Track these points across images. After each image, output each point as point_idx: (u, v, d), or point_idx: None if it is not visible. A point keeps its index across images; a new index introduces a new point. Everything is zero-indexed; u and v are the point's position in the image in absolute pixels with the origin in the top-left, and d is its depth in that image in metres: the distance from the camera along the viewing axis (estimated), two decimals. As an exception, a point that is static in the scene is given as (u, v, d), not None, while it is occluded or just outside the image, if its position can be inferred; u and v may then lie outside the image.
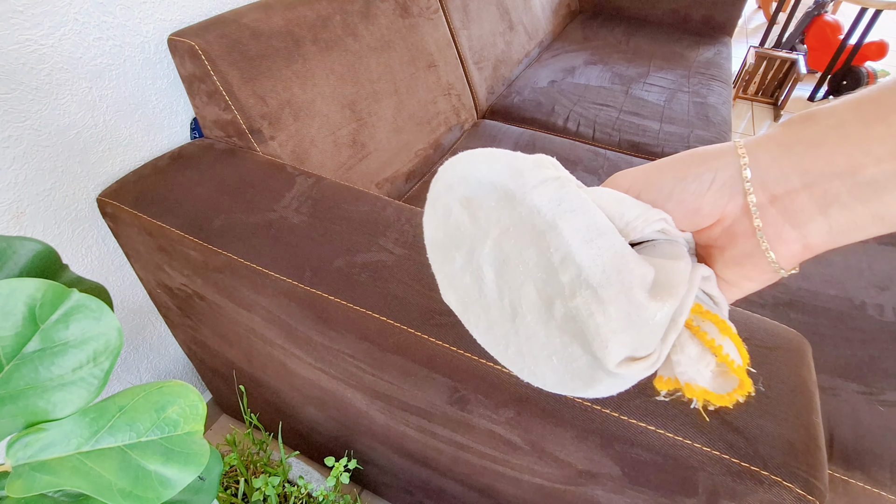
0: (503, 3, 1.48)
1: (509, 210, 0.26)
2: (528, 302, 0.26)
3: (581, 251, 0.24)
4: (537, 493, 0.55)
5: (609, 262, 0.24)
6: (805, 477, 0.39)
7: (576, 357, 0.25)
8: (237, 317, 0.65)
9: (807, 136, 0.22)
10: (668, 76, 1.54)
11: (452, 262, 0.29)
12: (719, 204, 0.24)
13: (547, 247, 0.24)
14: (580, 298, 0.24)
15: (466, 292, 0.29)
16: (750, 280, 0.26)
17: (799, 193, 0.22)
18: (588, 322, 0.23)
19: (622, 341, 0.23)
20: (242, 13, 0.77)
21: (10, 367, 0.28)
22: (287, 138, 0.80)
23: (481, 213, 0.27)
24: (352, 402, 0.64)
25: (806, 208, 0.22)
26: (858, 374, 0.69)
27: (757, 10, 3.65)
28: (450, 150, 1.21)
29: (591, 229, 0.24)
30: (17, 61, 0.59)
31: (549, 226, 0.24)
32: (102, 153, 0.71)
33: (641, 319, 0.23)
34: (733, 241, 0.25)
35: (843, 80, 2.41)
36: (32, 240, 0.34)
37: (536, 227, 0.25)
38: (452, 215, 0.28)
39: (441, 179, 0.29)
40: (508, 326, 0.27)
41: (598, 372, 0.24)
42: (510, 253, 0.26)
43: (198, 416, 0.33)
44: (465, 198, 0.27)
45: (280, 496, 0.75)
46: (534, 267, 0.25)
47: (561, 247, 0.24)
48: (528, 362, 0.27)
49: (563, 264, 0.24)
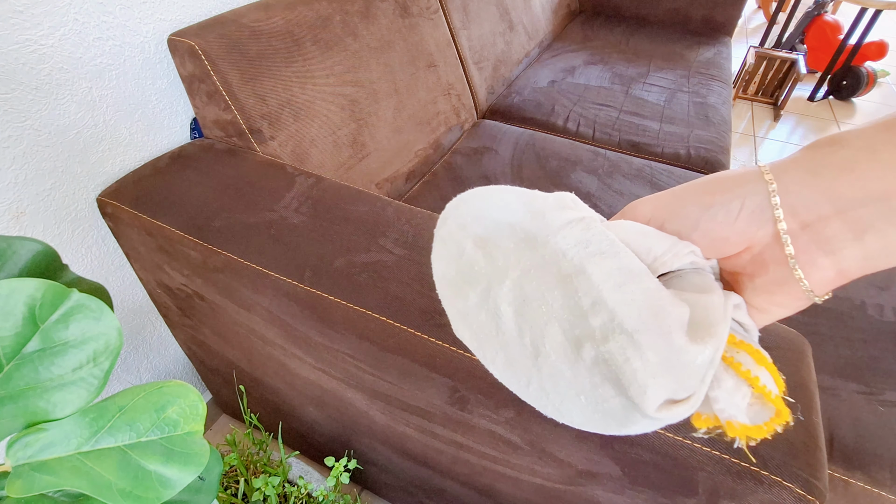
0: (503, 3, 1.48)
1: (530, 252, 0.25)
2: (553, 342, 0.24)
3: (613, 296, 0.23)
4: (537, 493, 0.55)
5: (644, 305, 0.23)
6: (805, 477, 0.39)
7: (607, 398, 0.24)
8: (237, 317, 0.65)
9: (836, 160, 0.22)
10: (668, 76, 1.54)
11: (466, 299, 0.28)
12: (748, 232, 0.24)
13: (574, 291, 0.24)
14: (614, 343, 0.22)
15: (482, 329, 0.27)
16: (781, 306, 0.25)
17: (831, 220, 0.22)
18: (624, 367, 0.22)
19: (661, 385, 0.22)
20: (242, 13, 0.77)
21: (10, 367, 0.28)
22: (287, 138, 0.80)
23: (498, 253, 0.26)
24: (352, 402, 0.64)
25: (839, 235, 0.22)
26: (858, 374, 0.69)
27: (757, 10, 3.66)
28: (450, 150, 1.21)
29: (623, 272, 0.23)
30: (17, 61, 0.59)
31: (576, 270, 0.23)
32: (102, 153, 0.71)
33: (682, 363, 0.22)
34: (763, 269, 0.24)
35: (842, 80, 2.41)
36: (32, 240, 0.34)
37: (562, 271, 0.24)
38: (465, 254, 0.27)
39: (452, 218, 0.28)
40: (530, 364, 0.26)
41: (633, 414, 0.23)
42: (532, 294, 0.25)
43: (198, 416, 0.33)
44: (479, 238, 0.26)
45: (280, 496, 0.75)
46: (559, 309, 0.24)
47: (590, 291, 0.23)
48: (552, 399, 0.26)
49: (594, 309, 0.23)
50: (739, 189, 0.23)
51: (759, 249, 0.24)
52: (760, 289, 0.25)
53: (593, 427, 0.25)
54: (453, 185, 1.09)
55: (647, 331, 0.22)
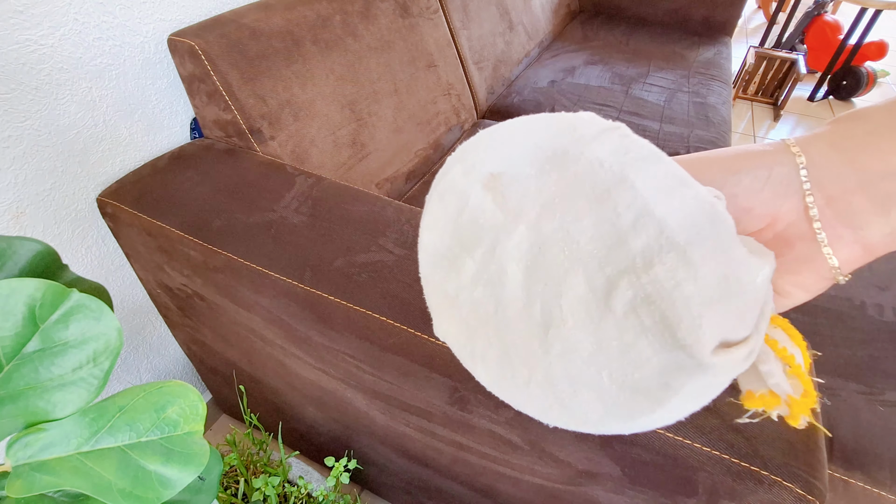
0: (503, 3, 1.48)
1: (558, 172, 0.21)
2: (573, 299, 0.21)
3: (662, 204, 0.19)
4: (537, 493, 0.55)
5: (699, 211, 0.19)
6: (805, 477, 0.39)
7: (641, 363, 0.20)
8: (237, 317, 0.65)
9: (860, 134, 0.21)
10: (668, 76, 1.54)
11: (459, 274, 0.24)
12: (774, 204, 0.23)
13: (613, 208, 0.20)
14: (661, 267, 0.19)
15: (475, 311, 0.24)
16: (803, 289, 0.24)
17: (855, 194, 0.21)
18: (674, 295, 0.19)
19: (719, 314, 0.19)
20: (242, 13, 0.77)
21: (10, 367, 0.28)
22: (287, 138, 0.80)
23: (514, 189, 0.22)
24: (352, 402, 0.64)
25: (864, 209, 0.21)
26: (858, 374, 0.69)
27: (757, 10, 3.65)
28: (450, 150, 1.21)
29: (671, 177, 0.20)
30: (17, 61, 0.59)
31: (616, 180, 0.20)
32: (102, 153, 0.71)
33: (741, 283, 0.19)
34: (788, 247, 0.23)
35: (842, 80, 2.41)
36: (32, 240, 0.34)
37: (598, 186, 0.20)
38: (469, 206, 0.24)
39: (456, 163, 0.25)
40: (536, 345, 0.22)
41: (678, 376, 0.20)
42: (551, 234, 0.21)
43: (198, 416, 0.33)
44: (491, 175, 0.23)
45: (280, 496, 0.75)
46: (587, 244, 0.21)
47: (634, 202, 0.20)
48: (559, 392, 0.22)
49: (637, 225, 0.20)
50: (767, 158, 0.23)
51: (783, 226, 0.23)
52: (783, 269, 0.24)
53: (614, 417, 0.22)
54: (453, 185, 1.09)
55: (702, 242, 0.19)
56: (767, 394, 0.23)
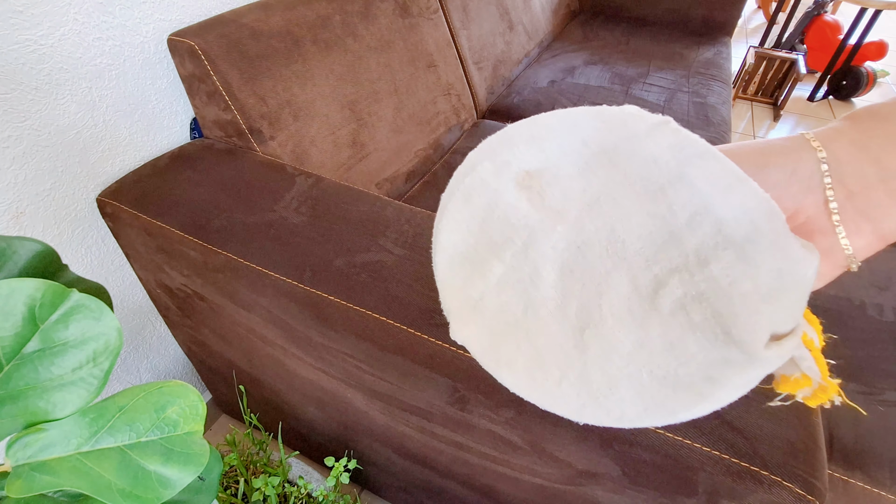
0: (503, 3, 1.48)
1: (607, 170, 0.21)
2: (615, 298, 0.21)
3: (721, 201, 0.19)
4: (537, 493, 0.55)
5: (757, 208, 0.19)
6: (805, 477, 0.39)
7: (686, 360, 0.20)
8: (237, 317, 0.65)
9: (881, 132, 0.23)
10: (667, 76, 1.54)
11: (485, 276, 0.23)
12: (798, 198, 0.24)
13: (668, 206, 0.20)
14: (716, 265, 0.19)
15: (501, 314, 0.23)
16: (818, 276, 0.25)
17: (876, 188, 0.23)
18: (731, 292, 0.19)
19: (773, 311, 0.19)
20: (242, 13, 0.77)
21: (10, 367, 0.28)
22: (287, 138, 0.80)
23: (554, 187, 0.22)
24: (352, 402, 0.64)
25: (883, 202, 0.23)
26: (858, 374, 0.69)
27: (757, 10, 3.65)
28: (449, 150, 1.21)
29: (728, 173, 0.20)
30: (17, 61, 0.59)
31: (672, 177, 0.20)
32: (102, 153, 0.71)
33: (795, 278, 0.19)
34: (807, 238, 0.24)
35: (842, 80, 2.41)
36: (32, 240, 0.34)
37: (652, 184, 0.20)
38: (499, 207, 0.23)
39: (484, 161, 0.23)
40: (570, 345, 0.21)
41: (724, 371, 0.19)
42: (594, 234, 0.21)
43: (198, 416, 0.33)
44: (526, 174, 0.22)
45: (280, 496, 0.75)
46: (635, 242, 0.20)
47: (691, 201, 0.20)
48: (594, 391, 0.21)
49: (693, 223, 0.20)
50: (792, 154, 0.24)
51: (803, 219, 0.24)
52: None
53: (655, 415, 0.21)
54: (453, 185, 1.09)
55: (760, 239, 0.19)
56: (801, 377, 0.23)
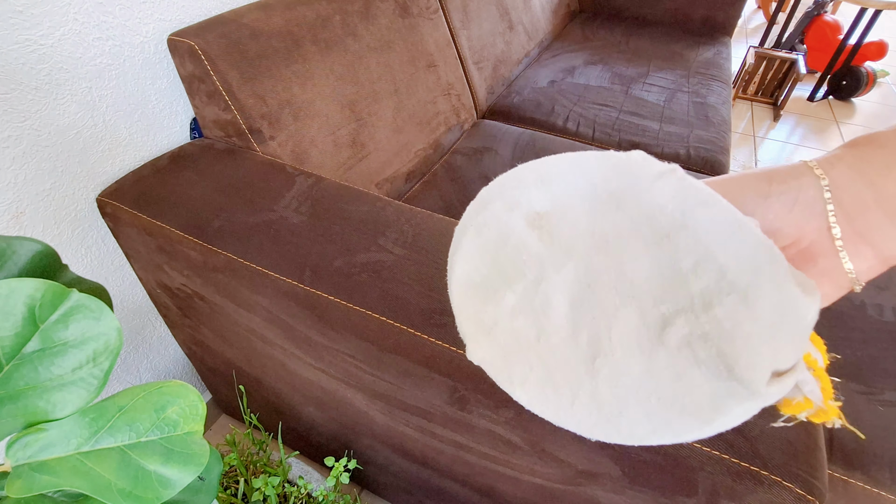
0: (503, 3, 1.48)
1: (615, 215, 0.22)
2: (624, 331, 0.22)
3: (724, 248, 0.20)
4: (537, 493, 0.55)
5: (758, 251, 0.20)
6: (805, 477, 0.39)
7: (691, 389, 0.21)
8: (237, 317, 0.65)
9: (878, 158, 0.23)
10: (667, 76, 1.54)
11: (498, 305, 0.24)
12: (800, 225, 0.24)
13: (673, 252, 0.21)
14: (720, 308, 0.20)
15: (515, 339, 0.24)
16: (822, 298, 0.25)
17: (872, 211, 0.23)
18: (733, 334, 0.20)
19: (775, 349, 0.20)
20: (242, 13, 0.77)
21: (10, 367, 0.28)
22: (287, 138, 0.80)
23: (563, 228, 0.23)
24: (352, 402, 0.64)
25: (882, 225, 0.23)
26: (858, 374, 0.69)
27: (757, 10, 3.66)
28: (449, 150, 1.21)
29: (731, 221, 0.21)
30: (17, 61, 0.59)
31: (677, 225, 0.21)
32: (102, 153, 0.71)
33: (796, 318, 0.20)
34: (811, 262, 0.25)
35: (842, 80, 2.41)
36: (32, 240, 0.34)
37: (658, 231, 0.21)
38: (512, 240, 0.24)
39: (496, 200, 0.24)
40: (582, 371, 0.23)
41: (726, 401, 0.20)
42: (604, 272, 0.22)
43: (197, 416, 0.33)
44: (537, 214, 0.23)
45: (280, 496, 0.75)
46: (643, 283, 0.21)
47: (695, 248, 0.21)
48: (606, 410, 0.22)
49: (698, 269, 0.21)
50: (794, 182, 0.24)
51: (806, 243, 0.25)
52: None
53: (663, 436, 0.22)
54: (453, 185, 1.09)
55: (761, 283, 0.20)
56: (803, 400, 0.24)
